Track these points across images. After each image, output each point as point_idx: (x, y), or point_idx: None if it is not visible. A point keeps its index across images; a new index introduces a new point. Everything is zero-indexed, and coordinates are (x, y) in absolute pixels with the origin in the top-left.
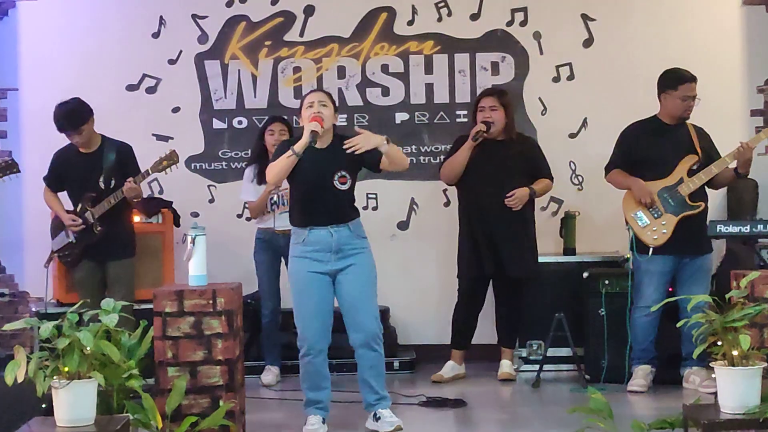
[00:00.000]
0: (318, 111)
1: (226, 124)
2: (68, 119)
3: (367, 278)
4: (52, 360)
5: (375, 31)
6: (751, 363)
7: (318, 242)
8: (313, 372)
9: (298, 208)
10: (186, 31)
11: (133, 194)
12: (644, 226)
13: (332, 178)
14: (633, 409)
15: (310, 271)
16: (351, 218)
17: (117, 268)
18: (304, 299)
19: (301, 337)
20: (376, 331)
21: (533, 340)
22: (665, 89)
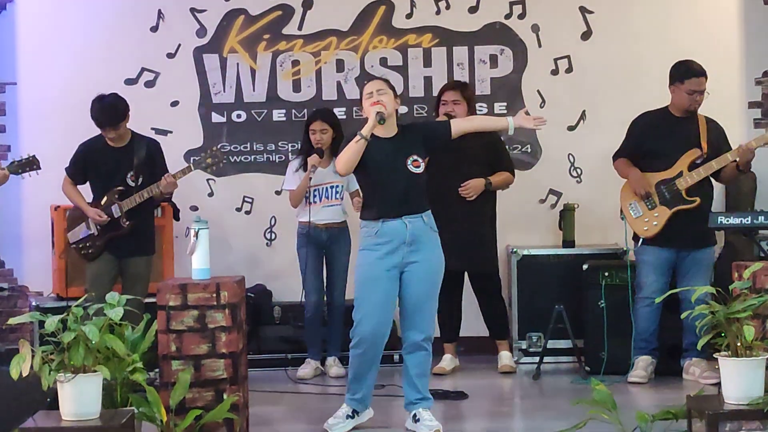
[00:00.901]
0: (378, 99)
1: (225, 118)
2: (108, 115)
3: (435, 276)
4: (57, 354)
5: (373, 25)
6: (755, 354)
7: (392, 233)
8: (360, 363)
9: (371, 199)
10: (184, 24)
11: (171, 189)
12: (637, 216)
13: (405, 161)
14: (634, 401)
15: (380, 264)
16: (424, 209)
17: (138, 265)
18: (368, 293)
19: (356, 328)
20: (431, 332)
21: (533, 333)
22: (674, 81)
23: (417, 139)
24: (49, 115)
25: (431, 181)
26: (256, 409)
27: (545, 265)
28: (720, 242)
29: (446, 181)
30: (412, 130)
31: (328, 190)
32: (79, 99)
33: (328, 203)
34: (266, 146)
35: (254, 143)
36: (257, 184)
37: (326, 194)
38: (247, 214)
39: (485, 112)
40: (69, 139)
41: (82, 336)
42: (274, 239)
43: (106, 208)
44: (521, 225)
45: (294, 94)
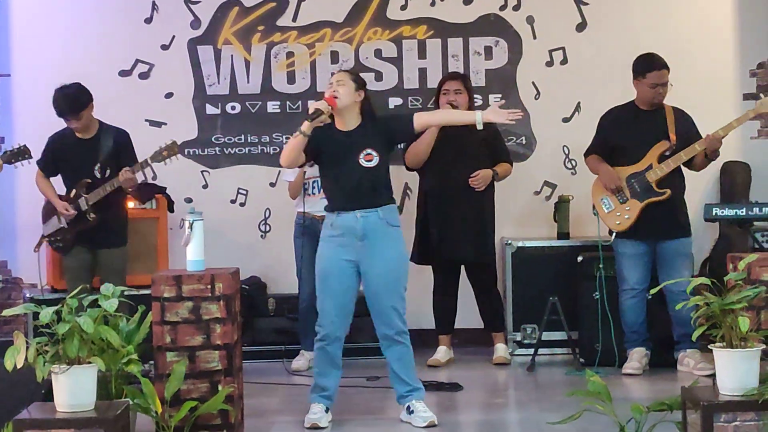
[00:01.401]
0: (334, 90)
1: (219, 110)
2: (68, 104)
3: (392, 271)
4: (51, 345)
5: (368, 16)
6: (750, 345)
7: (344, 226)
8: (325, 358)
9: (327, 192)
10: (179, 16)
11: (129, 184)
12: (609, 211)
13: (357, 155)
14: (628, 392)
15: (336, 256)
16: (381, 203)
17: (109, 256)
18: (326, 285)
19: (319, 322)
20: (399, 326)
21: (527, 324)
22: (636, 76)
23: (376, 133)
24: (42, 106)
25: (435, 173)
26: (251, 401)
27: (540, 256)
28: (714, 234)
29: (450, 173)
30: (374, 123)
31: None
32: None
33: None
34: (261, 138)
35: (249, 135)
36: (252, 176)
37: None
38: (242, 206)
39: (480, 104)
40: None
41: (77, 327)
42: (269, 231)
43: (74, 201)
44: (516, 217)
45: (288, 85)
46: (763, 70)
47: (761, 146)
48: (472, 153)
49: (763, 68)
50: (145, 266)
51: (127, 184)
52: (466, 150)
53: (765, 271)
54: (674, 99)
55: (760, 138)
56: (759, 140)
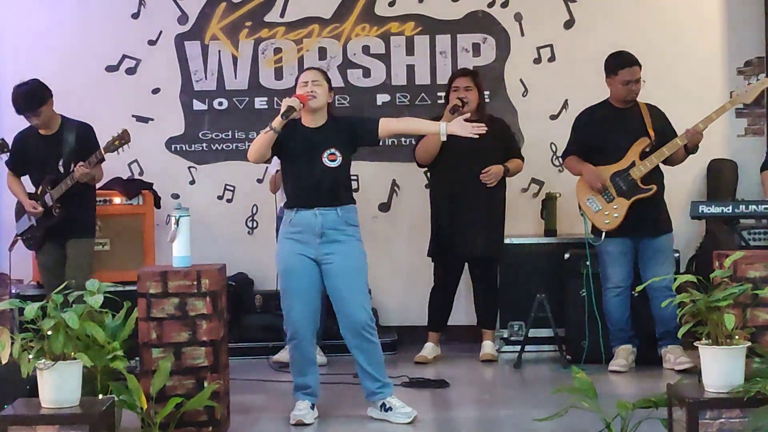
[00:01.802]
0: (312, 90)
1: (207, 106)
2: (26, 101)
3: (353, 267)
4: (36, 341)
5: (356, 12)
6: (735, 342)
7: (302, 224)
8: (299, 357)
9: (287, 188)
10: (166, 11)
11: (86, 179)
12: (597, 211)
13: (321, 154)
14: (615, 389)
15: (296, 253)
16: (341, 202)
17: (75, 248)
18: (289, 282)
19: (286, 320)
20: (365, 321)
21: (514, 321)
22: (608, 74)
23: (342, 133)
24: None
25: (446, 170)
26: (237, 397)
27: (527, 253)
28: (701, 231)
29: (460, 169)
30: (341, 122)
31: None
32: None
33: None
34: (248, 134)
35: (236, 131)
36: (239, 172)
37: None
38: (229, 202)
39: None
40: None
41: (62, 323)
42: (256, 227)
43: (41, 198)
44: None
45: (276, 81)
46: (750, 67)
47: (748, 144)
48: (483, 149)
49: (751, 66)
50: (131, 262)
51: (83, 179)
52: (476, 146)
53: (751, 268)
54: (661, 96)
55: (747, 136)
56: (746, 138)
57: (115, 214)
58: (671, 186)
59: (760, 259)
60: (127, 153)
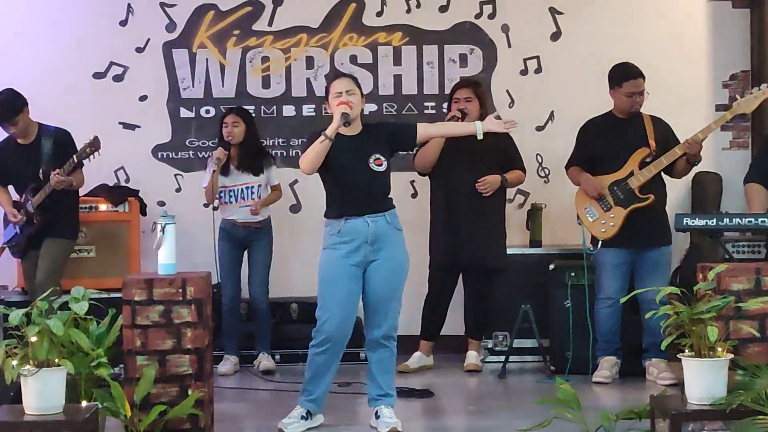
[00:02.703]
0: (348, 101)
1: (194, 113)
2: (2, 112)
3: (398, 275)
4: (21, 348)
5: (344, 22)
6: (718, 354)
7: (353, 232)
8: (320, 363)
9: (333, 199)
10: (154, 19)
11: (62, 186)
12: (594, 219)
13: (367, 160)
14: (598, 400)
15: (343, 261)
16: (387, 208)
17: (47, 246)
18: (331, 290)
19: (319, 327)
20: (393, 331)
21: (499, 332)
22: (612, 86)
23: (381, 138)
24: None
25: (443, 178)
26: (222, 405)
27: (512, 264)
28: (685, 243)
29: (461, 179)
30: (378, 128)
31: (243, 191)
32: (48, 93)
33: (245, 203)
34: None
35: None
36: None
37: (242, 195)
38: (215, 210)
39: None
40: None
41: (47, 330)
42: None
43: (23, 206)
44: None
45: (263, 90)
46: (735, 81)
47: (733, 157)
48: (480, 159)
49: (736, 79)
50: (116, 269)
51: (60, 186)
52: (473, 156)
53: (734, 281)
54: (647, 110)
55: (732, 149)
56: (731, 151)
57: (100, 221)
58: None
59: (743, 271)
60: (113, 160)
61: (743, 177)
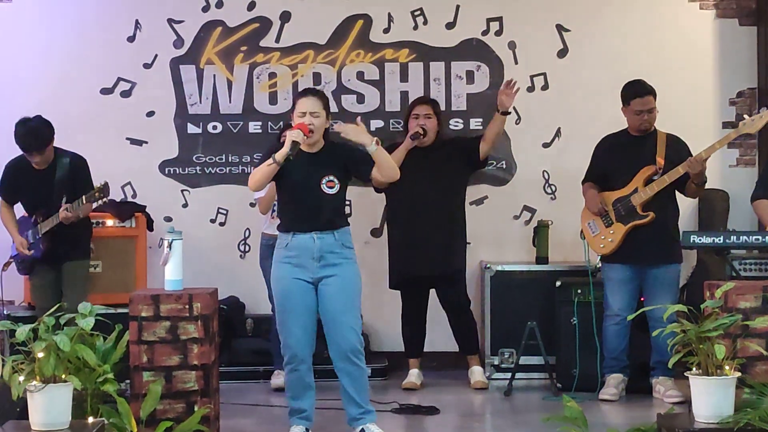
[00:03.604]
0: (310, 123)
1: (201, 129)
2: (35, 140)
3: (349, 290)
4: (27, 363)
5: (351, 38)
6: (726, 373)
7: (300, 248)
8: (295, 380)
9: (283, 212)
10: (162, 35)
11: (69, 221)
12: (595, 235)
13: (320, 181)
14: (605, 418)
15: (293, 277)
16: (337, 226)
17: (70, 270)
18: (286, 306)
19: (284, 344)
20: (355, 346)
21: (505, 348)
22: (623, 103)
23: (339, 161)
24: None
25: (401, 192)
26: (228, 422)
27: (518, 281)
28: (692, 261)
29: (415, 191)
30: (337, 151)
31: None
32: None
33: None
34: (242, 158)
35: (230, 155)
36: (232, 195)
37: None
38: (222, 226)
39: (461, 128)
40: None
41: (53, 346)
42: (248, 251)
43: (33, 227)
44: (495, 241)
45: (270, 106)
46: (742, 98)
47: (740, 175)
48: (443, 170)
49: (743, 97)
50: (123, 285)
51: (67, 221)
52: (436, 169)
53: (741, 299)
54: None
55: (739, 166)
56: (738, 168)
57: (107, 236)
58: None
59: (750, 289)
60: (120, 175)
61: (750, 194)
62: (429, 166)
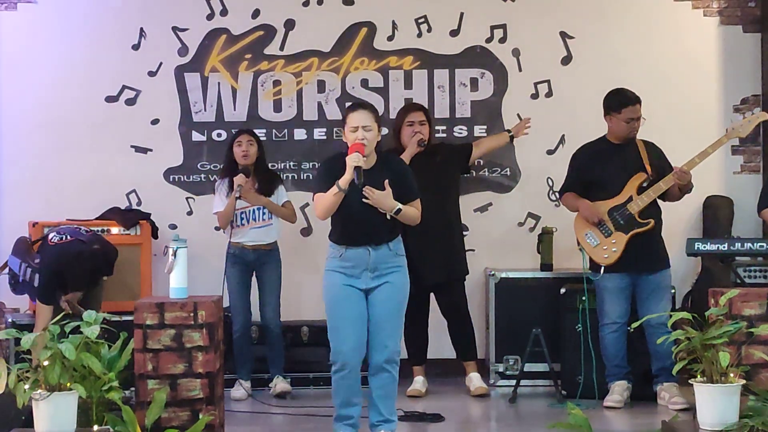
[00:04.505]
0: (363, 137)
1: (206, 137)
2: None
3: (398, 298)
4: (32, 371)
5: (355, 46)
6: (730, 380)
7: (355, 259)
8: (347, 387)
9: (337, 227)
10: (166, 43)
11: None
12: (595, 245)
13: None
14: (610, 425)
15: (346, 284)
16: (390, 239)
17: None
18: (339, 313)
19: (335, 351)
20: (392, 354)
21: (510, 355)
22: (609, 111)
23: (390, 175)
24: (29, 132)
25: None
26: (232, 429)
27: (523, 288)
28: (697, 268)
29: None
30: (391, 165)
31: (255, 212)
32: (60, 116)
33: (256, 225)
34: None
35: None
36: None
37: (253, 216)
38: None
39: (465, 135)
40: (49, 155)
41: (59, 354)
42: None
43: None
44: (499, 248)
45: (275, 113)
46: (746, 105)
47: (744, 181)
48: (440, 176)
49: (747, 103)
50: (128, 293)
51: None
52: (433, 175)
53: (746, 306)
54: (658, 133)
55: (743, 173)
56: (742, 175)
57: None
58: (667, 222)
59: (755, 297)
60: (125, 183)
61: (755, 201)
62: (427, 172)
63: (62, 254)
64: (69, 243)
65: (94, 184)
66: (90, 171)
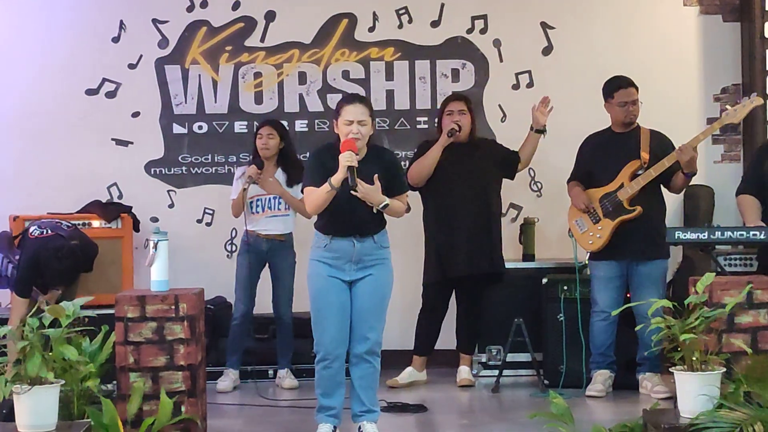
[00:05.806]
0: (357, 132)
1: (186, 129)
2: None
3: (381, 291)
4: (13, 365)
5: (336, 38)
6: (710, 368)
7: (339, 250)
8: (328, 378)
9: (324, 216)
10: (146, 35)
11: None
12: (583, 232)
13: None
14: (592, 414)
15: (330, 275)
16: (376, 231)
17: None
18: (322, 303)
19: (317, 342)
20: (373, 345)
21: (492, 346)
22: (605, 98)
23: (380, 168)
24: (9, 125)
25: (440, 191)
26: (215, 422)
27: (506, 278)
28: (678, 257)
29: (463, 191)
30: (380, 158)
31: (271, 200)
32: (40, 109)
33: (272, 213)
34: (227, 158)
35: (215, 155)
36: (218, 195)
37: (269, 205)
38: (208, 226)
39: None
40: (30, 149)
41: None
42: (235, 251)
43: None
44: None
45: (256, 106)
46: (726, 95)
47: (725, 170)
48: (480, 169)
49: (727, 93)
50: (109, 286)
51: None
52: (473, 167)
53: (726, 294)
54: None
55: (724, 162)
56: (723, 164)
57: (93, 238)
58: None
59: (735, 285)
60: (106, 176)
61: (735, 190)
62: (466, 162)
63: (41, 248)
64: (49, 238)
65: (75, 177)
66: (71, 164)
